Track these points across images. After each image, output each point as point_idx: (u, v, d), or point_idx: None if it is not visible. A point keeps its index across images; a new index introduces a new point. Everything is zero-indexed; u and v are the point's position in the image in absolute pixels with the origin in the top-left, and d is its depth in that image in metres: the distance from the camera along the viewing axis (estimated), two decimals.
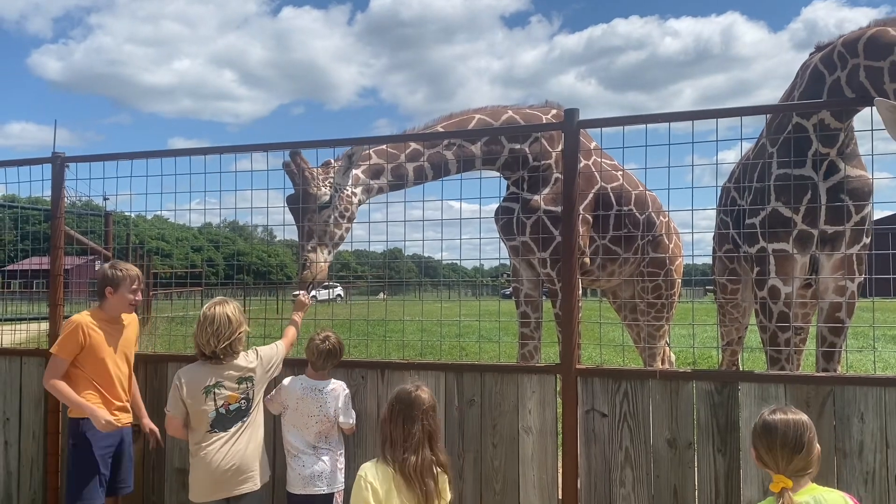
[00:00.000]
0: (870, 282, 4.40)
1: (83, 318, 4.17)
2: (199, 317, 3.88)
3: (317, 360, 4.05)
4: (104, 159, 4.93)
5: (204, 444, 3.80)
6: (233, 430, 3.82)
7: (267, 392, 4.12)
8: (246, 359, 3.92)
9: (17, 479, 5.01)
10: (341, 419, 4.01)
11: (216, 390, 3.80)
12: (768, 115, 4.44)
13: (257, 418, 3.95)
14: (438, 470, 3.25)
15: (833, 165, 4.14)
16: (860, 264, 4.30)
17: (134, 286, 4.24)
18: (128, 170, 4.80)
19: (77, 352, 4.09)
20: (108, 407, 4.13)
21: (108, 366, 4.17)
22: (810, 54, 4.30)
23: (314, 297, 4.74)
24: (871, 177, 4.25)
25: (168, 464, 4.70)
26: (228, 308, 3.87)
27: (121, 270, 4.21)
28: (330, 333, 4.10)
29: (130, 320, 4.41)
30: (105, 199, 6.53)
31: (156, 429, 4.38)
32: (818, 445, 2.65)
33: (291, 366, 4.28)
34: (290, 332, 4.31)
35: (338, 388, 4.05)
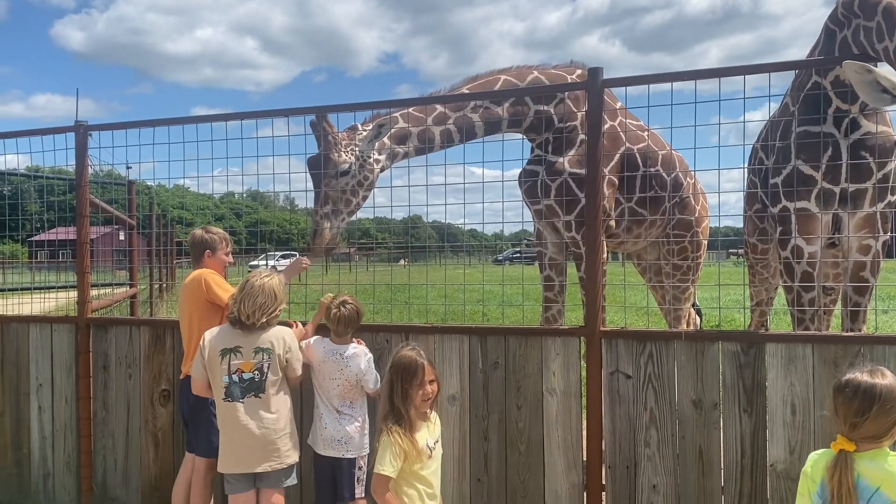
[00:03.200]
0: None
1: (210, 270, 4.36)
2: (245, 285, 3.81)
3: (337, 326, 4.00)
4: (126, 127, 4.95)
5: (224, 413, 3.80)
6: (245, 400, 3.76)
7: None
8: (271, 333, 3.85)
9: (52, 442, 5.14)
10: (366, 384, 4.01)
11: (232, 355, 3.77)
12: (795, 72, 4.35)
13: (280, 399, 3.84)
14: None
15: (855, 122, 4.07)
16: (885, 222, 4.23)
17: (228, 248, 4.45)
18: (150, 137, 4.83)
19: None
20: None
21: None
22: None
23: (274, 268, 4.73)
24: (895, 133, 4.16)
25: None
26: (275, 282, 3.84)
27: (215, 234, 4.39)
28: (347, 298, 4.04)
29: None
30: (128, 167, 6.57)
31: None
32: None
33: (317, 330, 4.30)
34: (308, 330, 4.22)
35: (359, 352, 4.00)
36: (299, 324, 4.22)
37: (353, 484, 3.94)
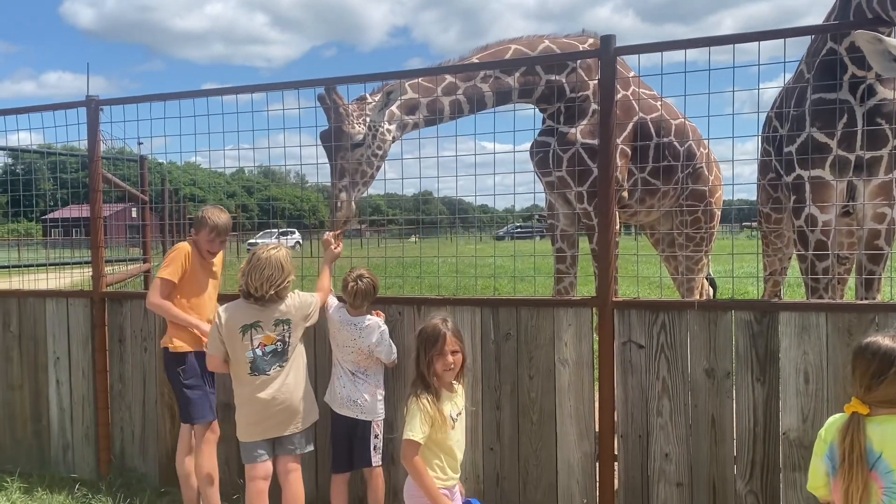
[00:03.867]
0: None
1: (186, 244, 4.39)
2: (252, 258, 3.86)
3: (353, 300, 4.04)
4: (137, 101, 4.95)
5: (246, 387, 3.86)
6: (272, 372, 3.84)
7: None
8: (286, 302, 3.91)
9: (70, 414, 5.21)
10: (380, 355, 4.04)
11: (253, 330, 3.83)
12: (810, 39, 4.29)
13: (299, 361, 3.96)
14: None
15: (871, 89, 4.01)
16: None
17: (210, 236, 4.36)
18: (161, 112, 4.83)
19: (180, 275, 4.29)
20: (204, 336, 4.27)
21: (203, 296, 4.40)
22: None
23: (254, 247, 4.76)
24: None
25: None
26: (281, 254, 3.87)
27: (206, 217, 4.34)
28: (363, 272, 4.07)
29: (218, 258, 4.58)
30: (139, 143, 6.58)
31: None
32: None
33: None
34: (323, 282, 4.24)
35: (373, 324, 4.04)
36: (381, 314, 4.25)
37: (370, 450, 3.99)
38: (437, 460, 3.30)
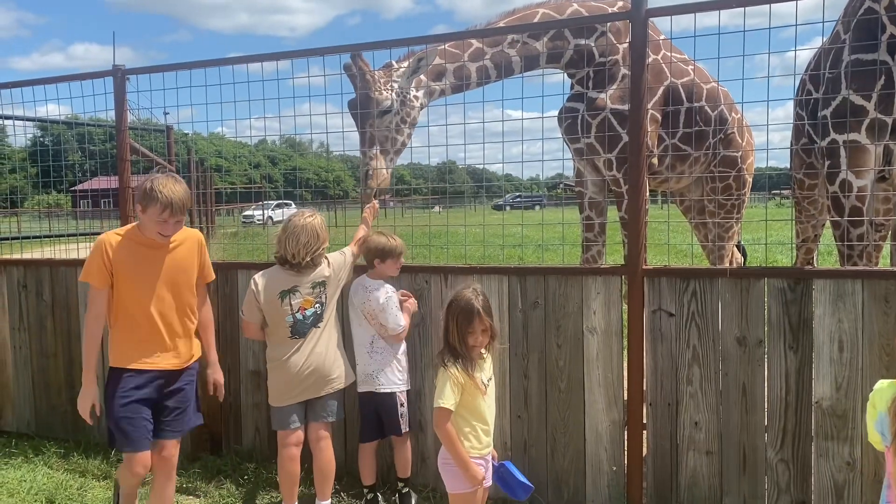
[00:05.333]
0: None
1: (107, 235, 3.59)
2: (288, 225, 3.91)
3: (365, 256, 4.14)
4: (163, 70, 4.93)
5: (286, 351, 3.90)
6: (310, 335, 3.92)
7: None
8: (321, 267, 3.98)
9: (103, 381, 5.28)
10: (385, 322, 4.01)
11: (291, 295, 3.90)
12: None
13: (331, 321, 4.03)
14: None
15: None
16: None
17: (163, 215, 3.43)
18: (187, 81, 4.82)
19: (106, 277, 3.52)
20: (141, 349, 3.57)
21: (142, 297, 3.55)
22: None
23: (270, 217, 4.68)
24: None
25: (243, 367, 4.89)
26: (317, 221, 3.92)
27: (155, 191, 3.40)
28: (374, 234, 4.18)
29: (185, 238, 3.72)
30: (165, 112, 6.59)
31: (220, 380, 4.00)
32: None
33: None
34: (360, 232, 4.30)
35: (380, 290, 4.04)
36: (410, 296, 4.25)
37: (399, 419, 4.03)
38: (469, 428, 3.29)
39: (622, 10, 4.89)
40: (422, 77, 4.93)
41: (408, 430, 4.11)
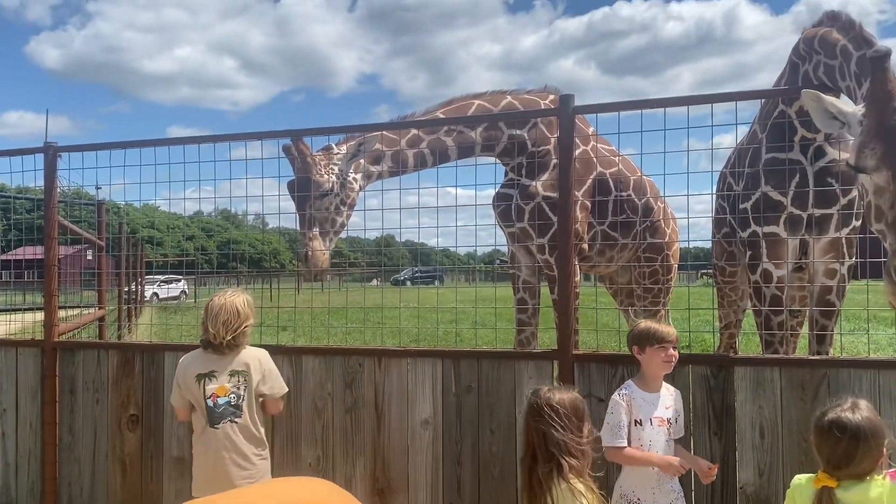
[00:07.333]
0: (863, 264, 4.43)
1: None
2: (208, 305, 3.80)
3: None
4: (97, 148, 4.88)
5: (201, 439, 3.75)
6: (223, 425, 3.69)
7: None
8: (246, 355, 3.80)
9: (16, 469, 5.01)
10: None
11: (208, 379, 3.73)
12: (762, 100, 4.46)
13: (253, 416, 3.78)
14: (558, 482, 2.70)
15: (821, 150, 4.19)
16: (850, 247, 4.33)
17: None
18: (121, 159, 4.78)
19: None
20: None
21: None
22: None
23: (155, 294, 4.59)
24: None
25: (166, 452, 4.71)
26: (238, 299, 3.78)
27: None
28: None
29: None
30: (97, 188, 6.50)
31: None
32: (885, 450, 2.40)
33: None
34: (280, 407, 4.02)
35: None
36: None
37: None
38: None
39: (554, 103, 5.12)
40: (361, 161, 5.03)
41: None
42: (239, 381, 3.75)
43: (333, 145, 4.98)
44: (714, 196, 5.28)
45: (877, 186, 3.13)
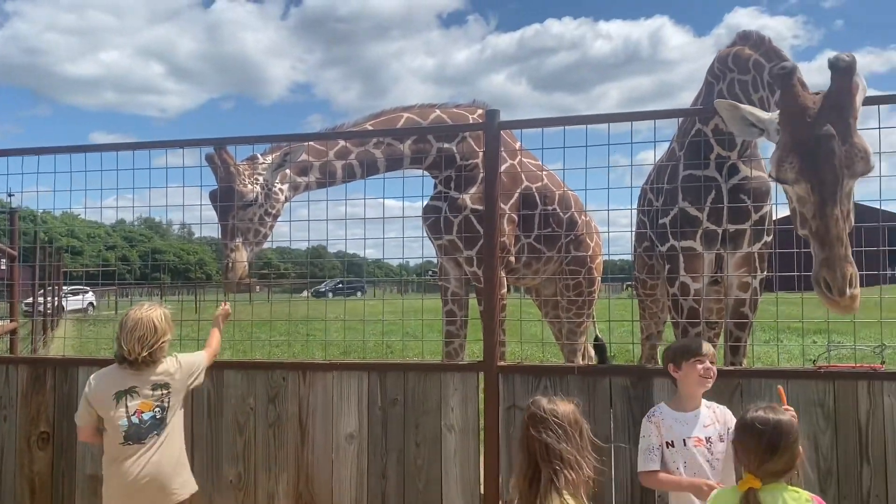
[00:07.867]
0: (775, 277, 4.63)
1: None
2: (123, 320, 3.64)
3: None
4: (9, 154, 4.68)
5: (119, 458, 3.56)
6: (149, 441, 3.56)
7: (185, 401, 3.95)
8: (165, 365, 3.68)
9: None
10: None
11: (128, 396, 3.57)
12: (680, 119, 4.62)
13: (177, 429, 3.69)
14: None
15: (734, 167, 4.35)
16: (762, 261, 4.51)
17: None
18: (35, 166, 4.59)
19: None
20: None
21: None
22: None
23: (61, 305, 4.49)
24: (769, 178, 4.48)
25: (79, 471, 4.52)
26: (155, 314, 3.63)
27: None
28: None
29: None
30: (10, 195, 6.22)
31: None
32: (801, 449, 2.55)
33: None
34: (213, 341, 4.07)
35: None
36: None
37: None
38: None
39: (482, 118, 5.18)
40: (287, 171, 4.97)
41: None
42: (162, 394, 3.63)
43: (259, 155, 4.91)
44: (635, 211, 5.44)
45: (799, 196, 3.28)
